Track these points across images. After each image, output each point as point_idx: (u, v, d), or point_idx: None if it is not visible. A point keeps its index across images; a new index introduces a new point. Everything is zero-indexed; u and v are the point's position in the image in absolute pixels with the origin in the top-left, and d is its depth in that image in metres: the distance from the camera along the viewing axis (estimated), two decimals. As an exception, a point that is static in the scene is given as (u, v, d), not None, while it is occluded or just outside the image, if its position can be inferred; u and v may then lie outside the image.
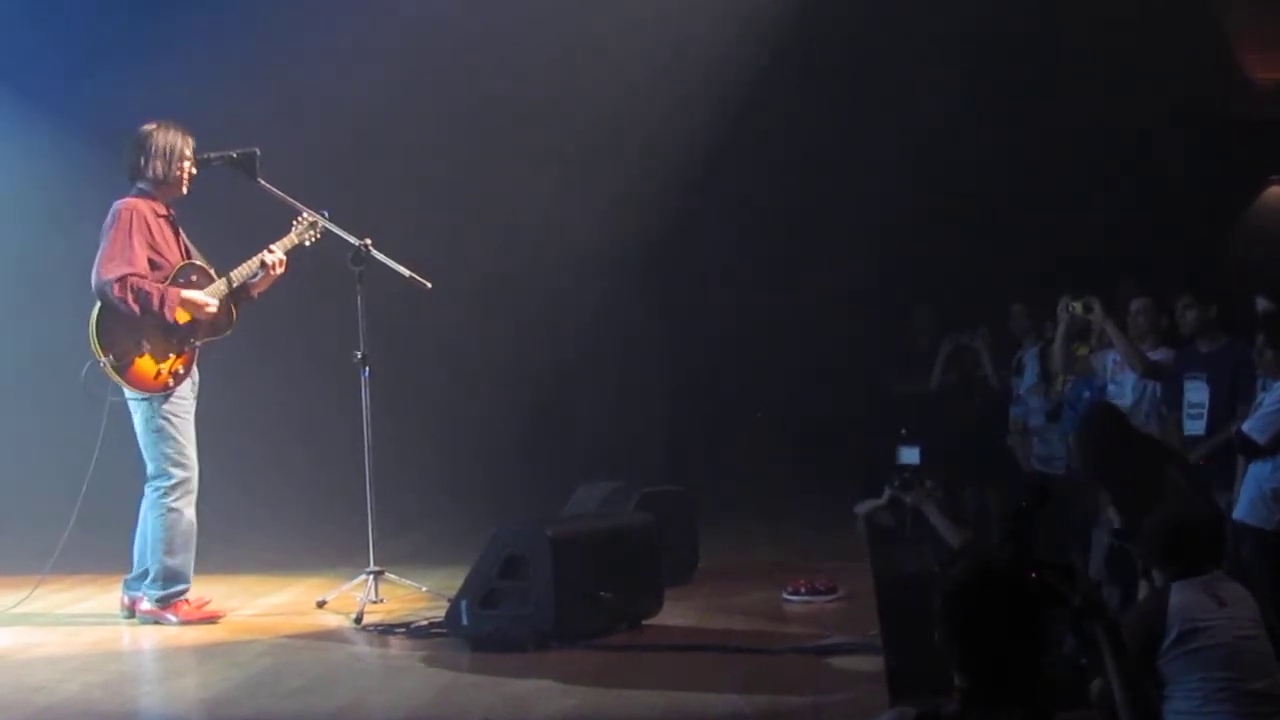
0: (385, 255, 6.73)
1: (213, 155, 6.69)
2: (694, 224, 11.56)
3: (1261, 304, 7.25)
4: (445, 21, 9.32)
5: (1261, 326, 6.96)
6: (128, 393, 6.50)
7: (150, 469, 6.56)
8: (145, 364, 6.44)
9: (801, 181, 11.52)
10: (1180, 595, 4.64)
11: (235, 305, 6.73)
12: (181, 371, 6.54)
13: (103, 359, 6.38)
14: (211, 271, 6.68)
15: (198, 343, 6.61)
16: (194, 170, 6.63)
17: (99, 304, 6.44)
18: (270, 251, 6.67)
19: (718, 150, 10.84)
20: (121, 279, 6.36)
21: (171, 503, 6.51)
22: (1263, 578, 6.58)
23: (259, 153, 6.66)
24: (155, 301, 6.40)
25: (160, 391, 6.48)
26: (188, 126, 6.65)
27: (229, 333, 6.74)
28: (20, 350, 9.34)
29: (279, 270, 6.69)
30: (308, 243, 6.78)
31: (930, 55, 10.64)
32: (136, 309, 6.38)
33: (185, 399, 6.57)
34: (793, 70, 10.68)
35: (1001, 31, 10.61)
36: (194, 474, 6.58)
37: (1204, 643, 4.53)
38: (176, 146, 6.57)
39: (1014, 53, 10.80)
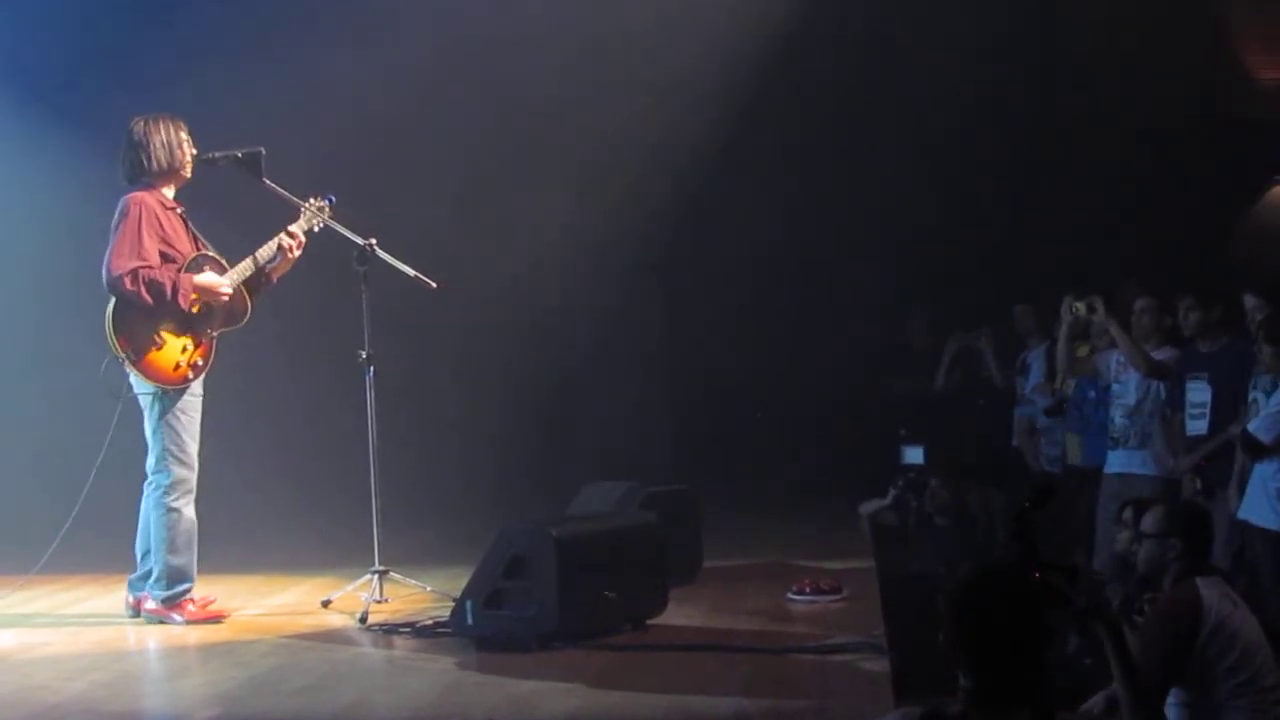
0: (390, 255, 6.73)
1: (218, 155, 6.67)
2: (699, 227, 11.59)
3: (1249, 301, 7.23)
4: (453, 23, 9.33)
5: (1260, 325, 6.96)
6: (141, 387, 6.47)
7: (151, 463, 6.55)
8: (164, 356, 6.43)
9: (807, 184, 11.53)
10: (1205, 589, 4.65)
11: (251, 294, 6.72)
12: (201, 363, 6.53)
13: (121, 354, 6.37)
14: (224, 261, 6.67)
15: (214, 333, 6.60)
16: (194, 150, 6.62)
17: (113, 300, 6.42)
18: (289, 234, 6.65)
19: (722, 154, 10.85)
20: (133, 272, 6.34)
21: (171, 502, 6.50)
22: (1271, 578, 6.60)
23: (264, 152, 6.64)
24: (169, 291, 6.39)
25: (180, 384, 6.47)
26: (189, 121, 6.66)
27: (245, 322, 6.72)
28: (26, 350, 9.36)
29: (297, 252, 6.66)
30: (316, 228, 6.74)
31: (934, 58, 10.64)
32: (150, 300, 6.37)
33: (196, 396, 6.56)
34: (799, 75, 10.69)
35: (1005, 33, 10.61)
36: (194, 474, 6.57)
37: (1230, 637, 4.55)
38: (172, 134, 6.56)
39: (1017, 53, 10.80)
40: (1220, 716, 4.51)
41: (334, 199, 6.77)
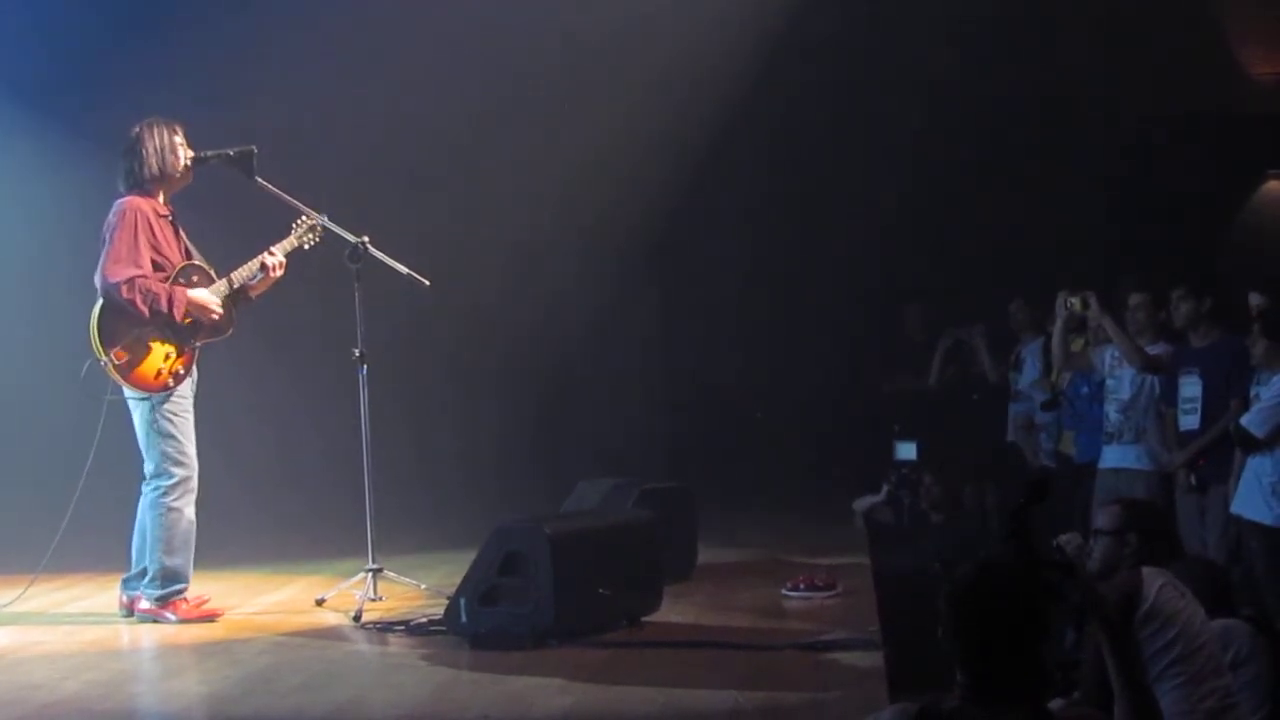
0: (384, 253, 6.72)
1: (210, 153, 6.65)
2: (694, 224, 11.59)
3: (1255, 299, 7.25)
4: (450, 20, 9.32)
5: (1256, 319, 6.96)
6: (127, 391, 6.48)
7: (150, 468, 6.54)
8: (147, 364, 6.43)
9: (801, 181, 11.53)
10: (1150, 576, 4.68)
11: (234, 306, 6.72)
12: (181, 372, 6.53)
13: (103, 358, 6.36)
14: (212, 272, 6.67)
15: (198, 343, 6.61)
16: (191, 152, 6.60)
17: (100, 302, 6.42)
18: (270, 254, 6.65)
19: (717, 152, 10.85)
20: (129, 281, 6.34)
21: (172, 502, 6.49)
22: (1266, 572, 6.61)
23: (256, 151, 6.62)
24: (164, 302, 6.40)
25: (160, 391, 6.47)
26: (182, 120, 6.63)
27: (228, 334, 6.73)
28: (19, 348, 9.34)
29: (279, 273, 6.68)
30: (307, 246, 6.76)
31: (928, 53, 10.65)
32: (145, 310, 6.37)
33: (185, 398, 6.56)
34: (792, 71, 10.69)
35: (1001, 28, 10.61)
36: (194, 473, 6.57)
37: (1165, 621, 4.57)
38: (166, 139, 6.54)
39: (1013, 49, 10.80)
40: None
41: (327, 216, 6.75)
